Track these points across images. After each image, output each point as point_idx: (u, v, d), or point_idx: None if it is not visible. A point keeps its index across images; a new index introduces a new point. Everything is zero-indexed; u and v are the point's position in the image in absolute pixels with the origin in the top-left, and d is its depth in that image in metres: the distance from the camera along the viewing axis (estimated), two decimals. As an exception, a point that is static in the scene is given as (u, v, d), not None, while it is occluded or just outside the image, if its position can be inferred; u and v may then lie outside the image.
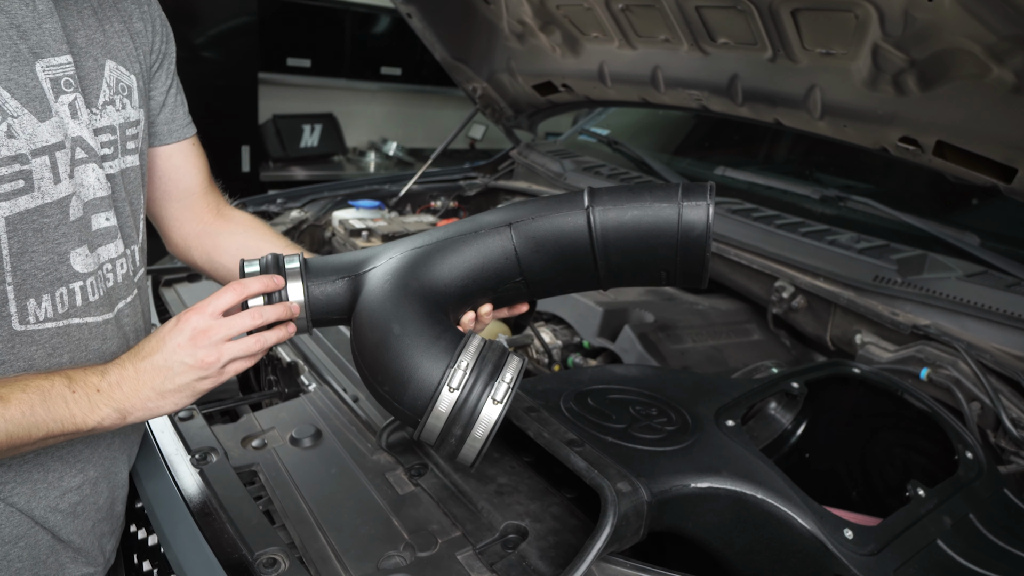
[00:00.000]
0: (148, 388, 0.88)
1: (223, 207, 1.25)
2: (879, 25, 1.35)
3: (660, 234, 0.96)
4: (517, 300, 1.08)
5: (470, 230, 1.01)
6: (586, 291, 1.15)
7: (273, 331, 0.95)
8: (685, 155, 2.70)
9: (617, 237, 0.97)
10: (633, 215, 0.97)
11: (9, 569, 0.93)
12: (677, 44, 1.83)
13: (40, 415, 0.82)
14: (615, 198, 0.98)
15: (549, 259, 1.00)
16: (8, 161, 0.82)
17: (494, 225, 1.00)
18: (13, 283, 0.86)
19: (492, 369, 0.88)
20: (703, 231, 0.95)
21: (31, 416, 0.81)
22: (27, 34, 0.84)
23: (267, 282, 0.95)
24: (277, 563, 0.93)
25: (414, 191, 2.64)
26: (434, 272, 0.98)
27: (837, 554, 0.91)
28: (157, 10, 1.09)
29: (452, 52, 2.51)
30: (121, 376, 0.88)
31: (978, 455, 1.16)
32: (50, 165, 0.87)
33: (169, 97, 1.13)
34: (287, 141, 5.10)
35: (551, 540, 0.98)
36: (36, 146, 0.85)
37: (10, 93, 0.82)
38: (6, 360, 0.88)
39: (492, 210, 1.05)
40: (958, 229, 1.73)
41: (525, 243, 0.99)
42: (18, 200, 0.84)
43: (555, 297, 1.46)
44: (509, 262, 1.00)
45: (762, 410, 1.37)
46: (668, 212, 0.96)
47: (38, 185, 0.86)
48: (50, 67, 0.87)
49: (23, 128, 0.83)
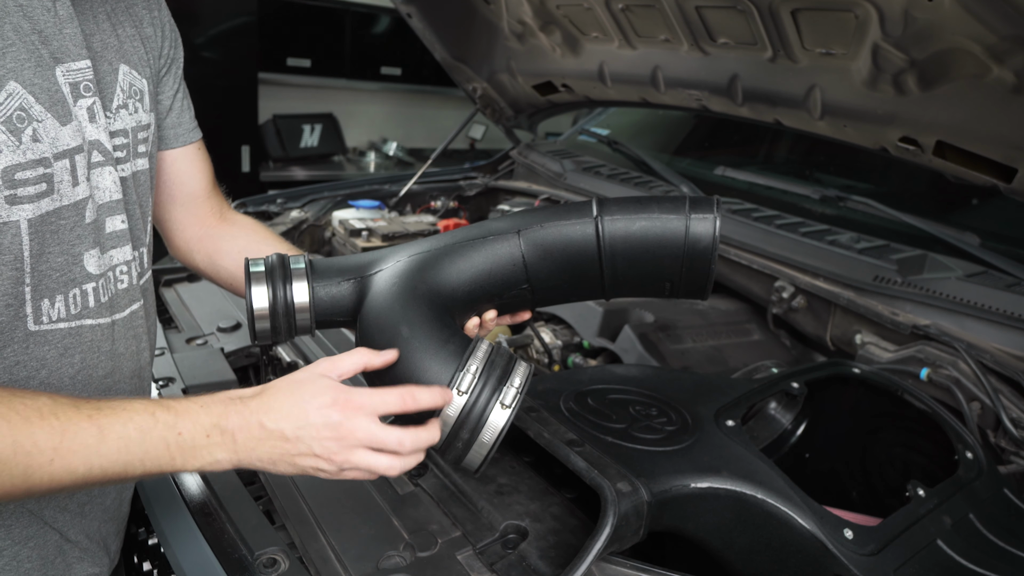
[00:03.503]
0: (266, 452, 0.79)
1: (226, 211, 1.25)
2: (879, 25, 1.35)
3: (667, 245, 0.97)
4: (521, 307, 1.08)
5: (478, 235, 1.01)
6: (589, 300, 1.15)
7: (402, 459, 0.83)
8: (685, 155, 2.70)
9: (625, 247, 0.98)
10: (641, 226, 0.97)
11: (19, 569, 0.93)
12: (677, 44, 1.83)
13: (135, 454, 0.75)
14: (623, 208, 0.99)
15: (556, 267, 1.00)
16: (33, 164, 0.83)
17: (503, 231, 1.00)
18: (30, 284, 0.86)
19: (501, 374, 0.88)
20: (709, 244, 0.96)
21: (126, 455, 0.75)
22: (48, 39, 0.85)
23: (438, 398, 0.84)
24: (277, 563, 0.93)
25: (414, 191, 2.64)
26: (442, 276, 0.98)
27: (837, 554, 0.91)
28: (167, 15, 1.10)
29: (452, 52, 2.51)
30: (242, 427, 0.79)
31: (978, 455, 1.16)
32: (70, 168, 0.87)
33: (176, 102, 1.14)
34: (287, 141, 5.10)
35: (551, 540, 0.98)
36: (58, 150, 0.85)
37: (35, 98, 0.83)
38: (20, 360, 0.88)
39: (500, 216, 1.05)
40: (958, 229, 1.73)
41: (533, 250, 0.99)
42: (40, 203, 0.84)
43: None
44: (516, 268, 1.00)
45: (762, 410, 1.37)
46: (676, 224, 0.97)
47: (57, 188, 0.86)
48: (70, 72, 0.88)
49: (47, 132, 0.84)
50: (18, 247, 0.83)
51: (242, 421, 0.79)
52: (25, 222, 0.83)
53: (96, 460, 0.74)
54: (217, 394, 0.82)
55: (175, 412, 0.78)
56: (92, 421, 0.74)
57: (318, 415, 0.79)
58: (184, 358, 1.51)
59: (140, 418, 0.76)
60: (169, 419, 0.77)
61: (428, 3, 2.34)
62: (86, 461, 0.73)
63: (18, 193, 0.82)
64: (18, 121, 0.81)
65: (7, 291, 0.84)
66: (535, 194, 2.48)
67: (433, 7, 2.36)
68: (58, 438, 0.72)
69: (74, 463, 0.73)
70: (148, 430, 0.76)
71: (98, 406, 0.76)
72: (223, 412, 0.79)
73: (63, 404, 0.75)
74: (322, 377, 0.83)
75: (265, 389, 0.82)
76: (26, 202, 0.83)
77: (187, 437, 0.77)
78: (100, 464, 0.74)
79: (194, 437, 0.77)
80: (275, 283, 0.95)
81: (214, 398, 0.81)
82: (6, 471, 0.71)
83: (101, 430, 0.74)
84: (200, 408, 0.79)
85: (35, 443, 0.71)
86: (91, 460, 0.74)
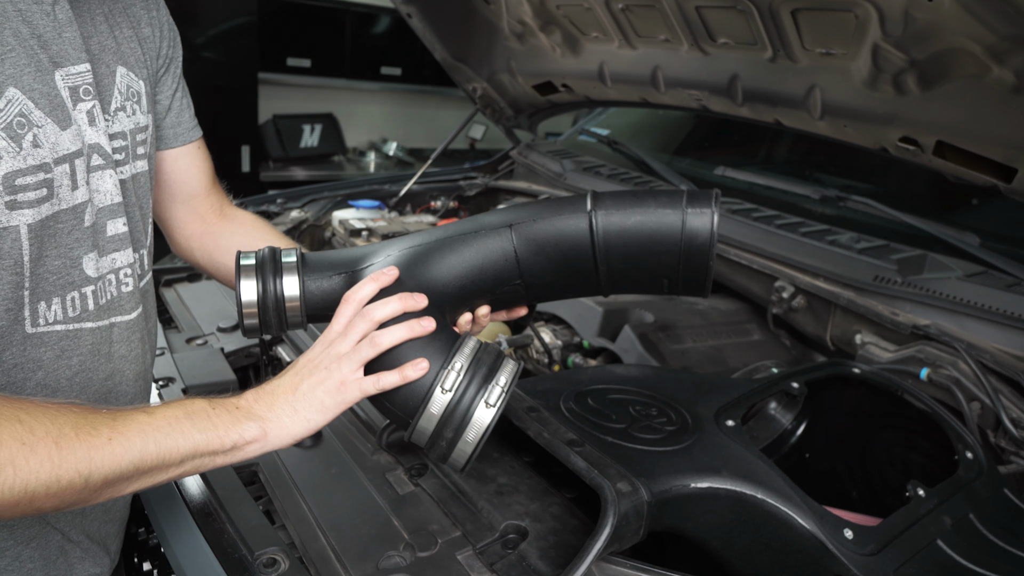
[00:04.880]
0: (282, 402, 0.85)
1: (226, 207, 1.25)
2: (879, 25, 1.35)
3: (663, 241, 0.95)
4: (516, 303, 1.07)
5: (470, 230, 1.00)
6: (586, 296, 1.14)
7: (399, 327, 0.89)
8: (685, 155, 2.70)
9: (619, 242, 0.96)
10: (636, 220, 0.96)
11: (21, 569, 0.93)
12: (677, 44, 1.83)
13: (186, 428, 0.79)
14: (618, 202, 0.97)
15: (549, 262, 0.99)
16: (34, 170, 0.83)
17: (494, 226, 0.99)
18: (29, 287, 0.86)
19: (487, 372, 0.87)
20: (707, 239, 0.94)
21: (175, 428, 0.78)
22: (48, 44, 0.85)
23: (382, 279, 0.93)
24: (277, 563, 0.93)
25: (414, 191, 2.64)
26: (432, 271, 0.97)
27: (837, 554, 0.91)
28: (165, 15, 1.10)
29: (452, 52, 2.51)
30: (256, 395, 0.86)
31: (978, 455, 1.16)
32: (69, 173, 0.87)
33: (175, 101, 1.14)
34: (287, 141, 5.10)
35: (551, 540, 0.98)
36: (58, 154, 0.85)
37: (34, 103, 0.83)
38: (18, 363, 0.88)
39: (493, 211, 1.04)
40: (958, 229, 1.73)
41: (526, 245, 0.98)
42: (40, 208, 0.84)
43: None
44: (509, 264, 0.99)
45: (762, 410, 1.37)
46: (672, 218, 0.95)
47: (57, 192, 0.86)
48: (69, 76, 0.88)
49: (47, 137, 0.84)
50: (18, 252, 0.83)
51: (255, 392, 0.86)
52: (25, 227, 0.83)
53: (151, 434, 0.77)
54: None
55: (205, 398, 0.84)
56: (139, 410, 0.79)
57: (312, 351, 0.88)
58: (184, 358, 1.51)
59: (176, 402, 0.82)
60: (202, 401, 0.83)
61: (428, 3, 2.34)
62: (141, 435, 0.76)
63: (18, 199, 0.82)
64: (18, 127, 0.81)
65: (7, 295, 0.84)
66: (535, 194, 2.48)
67: (433, 7, 2.36)
68: (111, 419, 0.76)
69: (131, 437, 0.76)
70: (188, 405, 0.82)
71: (134, 407, 0.81)
72: (238, 394, 0.86)
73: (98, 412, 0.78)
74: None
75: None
76: (26, 207, 0.83)
77: (221, 411, 0.82)
78: (155, 439, 0.77)
79: (227, 409, 0.83)
80: (264, 276, 0.95)
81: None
82: (71, 454, 0.72)
83: (150, 413, 0.79)
84: (224, 396, 0.86)
85: (92, 424, 0.74)
86: (146, 436, 0.76)
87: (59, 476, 0.70)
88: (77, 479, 0.72)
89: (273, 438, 0.84)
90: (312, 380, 0.86)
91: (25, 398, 0.75)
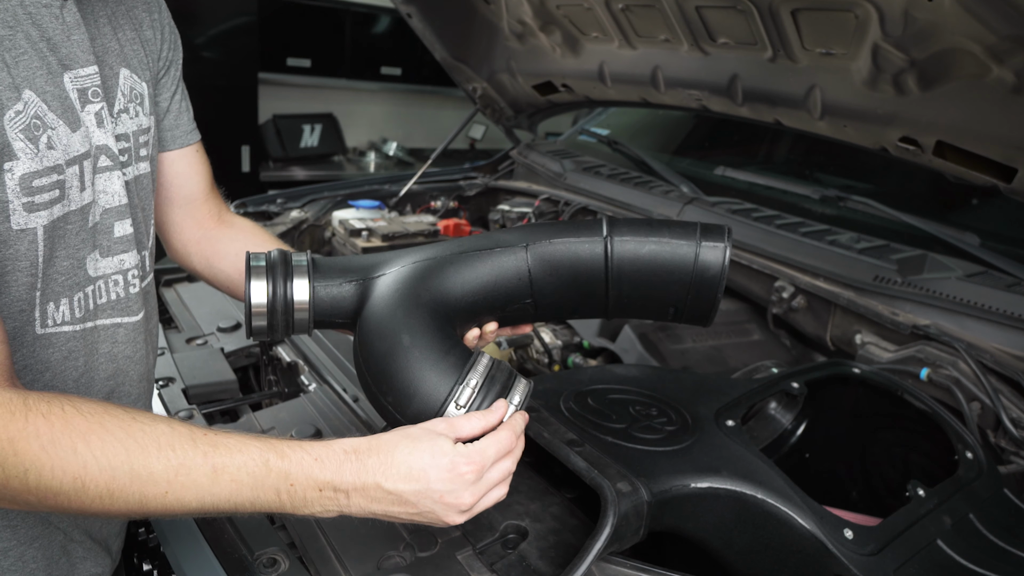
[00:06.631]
0: (380, 509, 0.80)
1: (224, 213, 1.25)
2: (879, 25, 1.35)
3: (675, 270, 0.97)
4: (522, 320, 1.07)
5: (485, 246, 1.00)
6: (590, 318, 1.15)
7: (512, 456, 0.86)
8: (685, 155, 2.70)
9: (632, 269, 0.98)
10: (651, 249, 0.97)
11: (24, 569, 0.93)
12: (677, 44, 1.83)
13: (246, 497, 0.76)
14: (634, 230, 0.98)
15: (562, 283, 1.00)
16: (48, 172, 0.83)
17: (510, 244, 0.99)
18: (40, 288, 0.87)
19: (500, 390, 0.87)
20: (718, 272, 0.96)
21: (237, 497, 0.75)
22: (57, 46, 0.85)
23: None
24: (277, 563, 0.94)
25: (414, 191, 2.64)
26: (446, 285, 0.97)
27: (837, 554, 0.91)
28: (167, 17, 1.10)
29: (452, 52, 2.51)
30: (358, 488, 0.78)
31: (978, 455, 1.16)
32: (79, 174, 0.88)
33: (174, 103, 1.13)
34: (287, 141, 5.10)
35: (551, 540, 0.98)
36: (69, 156, 0.86)
37: (47, 105, 0.83)
38: (28, 364, 0.88)
39: (509, 229, 1.05)
40: (958, 229, 1.73)
41: (540, 265, 0.99)
42: (53, 209, 0.85)
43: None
44: (521, 282, 0.99)
45: (762, 410, 1.37)
46: (686, 250, 0.97)
47: (68, 194, 0.87)
48: (78, 78, 0.88)
49: (59, 139, 0.84)
50: (34, 253, 0.84)
51: (358, 481, 0.78)
52: (41, 228, 0.84)
53: (208, 499, 0.75)
54: (331, 444, 0.80)
55: (289, 461, 0.77)
56: (207, 459, 0.74)
57: (439, 482, 0.79)
58: (184, 358, 1.51)
59: (254, 464, 0.76)
60: (283, 468, 0.76)
61: (428, 3, 2.34)
62: (198, 498, 0.74)
63: (35, 200, 0.82)
64: (34, 129, 0.81)
65: (22, 296, 0.85)
66: (535, 194, 2.48)
67: (433, 7, 2.36)
68: (173, 473, 0.73)
69: (187, 498, 0.74)
70: (261, 478, 0.76)
71: (214, 442, 0.76)
72: (338, 469, 0.78)
73: (181, 435, 0.75)
74: (440, 437, 0.81)
75: (380, 445, 0.80)
76: (42, 209, 0.83)
77: (299, 490, 0.77)
78: (212, 501, 0.75)
79: (306, 491, 0.77)
80: (275, 279, 0.94)
81: (329, 449, 0.79)
82: (122, 498, 0.72)
83: (215, 471, 0.74)
84: (315, 462, 0.77)
85: (151, 474, 0.72)
86: (203, 498, 0.75)
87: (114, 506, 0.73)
88: (131, 514, 0.75)
89: (353, 515, 0.81)
90: (428, 511, 0.81)
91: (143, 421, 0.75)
